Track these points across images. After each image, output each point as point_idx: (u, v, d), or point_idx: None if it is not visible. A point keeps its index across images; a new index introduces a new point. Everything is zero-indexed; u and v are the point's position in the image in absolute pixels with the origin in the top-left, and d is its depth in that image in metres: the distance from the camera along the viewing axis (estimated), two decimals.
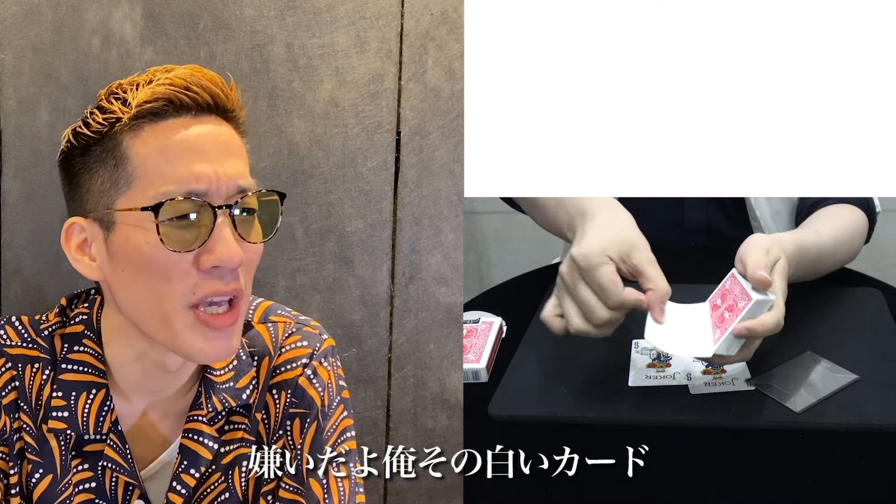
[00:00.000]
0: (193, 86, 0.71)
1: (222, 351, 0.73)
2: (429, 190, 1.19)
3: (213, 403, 0.79)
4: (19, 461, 0.77)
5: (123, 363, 0.77)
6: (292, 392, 0.82)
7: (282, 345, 0.83)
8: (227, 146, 0.72)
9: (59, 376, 0.77)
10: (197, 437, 0.79)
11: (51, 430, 0.76)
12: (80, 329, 0.78)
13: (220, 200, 0.70)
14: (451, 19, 1.17)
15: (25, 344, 0.78)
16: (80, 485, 0.77)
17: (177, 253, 0.69)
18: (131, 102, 0.69)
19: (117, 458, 0.77)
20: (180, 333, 0.71)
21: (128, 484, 0.78)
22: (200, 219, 0.70)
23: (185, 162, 0.70)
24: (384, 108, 1.17)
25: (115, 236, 0.71)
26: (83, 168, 0.72)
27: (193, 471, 0.78)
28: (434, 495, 1.23)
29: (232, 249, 0.70)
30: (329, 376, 0.84)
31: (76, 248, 0.74)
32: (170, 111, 0.70)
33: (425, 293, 1.21)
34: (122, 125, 0.70)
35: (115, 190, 0.70)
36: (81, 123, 0.72)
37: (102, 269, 0.73)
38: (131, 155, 0.70)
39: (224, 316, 0.72)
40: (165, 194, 0.69)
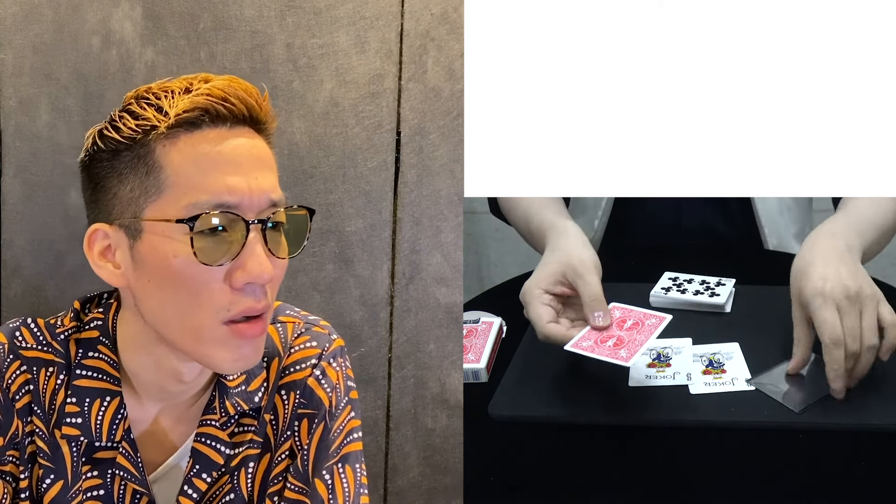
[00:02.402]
0: (231, 97, 0.70)
1: (249, 361, 0.73)
2: (429, 190, 1.19)
3: (226, 408, 0.79)
4: (30, 465, 0.77)
5: (139, 370, 0.77)
6: (301, 392, 0.82)
7: (291, 345, 0.83)
8: (260, 159, 0.72)
9: (74, 382, 0.76)
10: (209, 442, 0.79)
11: (64, 437, 0.76)
12: (95, 335, 0.77)
13: (251, 214, 0.69)
14: (451, 19, 1.17)
15: (41, 347, 0.77)
16: (89, 492, 0.77)
17: (207, 267, 0.68)
18: (168, 111, 0.68)
19: (129, 466, 0.77)
20: (210, 346, 0.71)
21: (135, 491, 0.78)
22: (232, 233, 0.69)
23: (219, 174, 0.69)
24: (384, 108, 1.17)
25: (141, 245, 0.70)
26: (111, 172, 0.71)
27: (205, 475, 0.78)
28: (434, 495, 1.23)
29: (264, 266, 0.69)
30: (338, 377, 0.84)
31: (99, 254, 0.73)
32: (206, 121, 0.69)
33: (425, 293, 1.21)
34: (158, 133, 0.69)
35: (145, 197, 0.69)
36: (110, 127, 0.70)
37: (126, 276, 0.72)
38: (165, 163, 0.69)
39: (255, 325, 0.71)
40: (197, 205, 0.68)
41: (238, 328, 0.70)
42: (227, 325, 0.70)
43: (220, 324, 0.70)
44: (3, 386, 0.75)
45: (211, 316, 0.69)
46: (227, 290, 0.69)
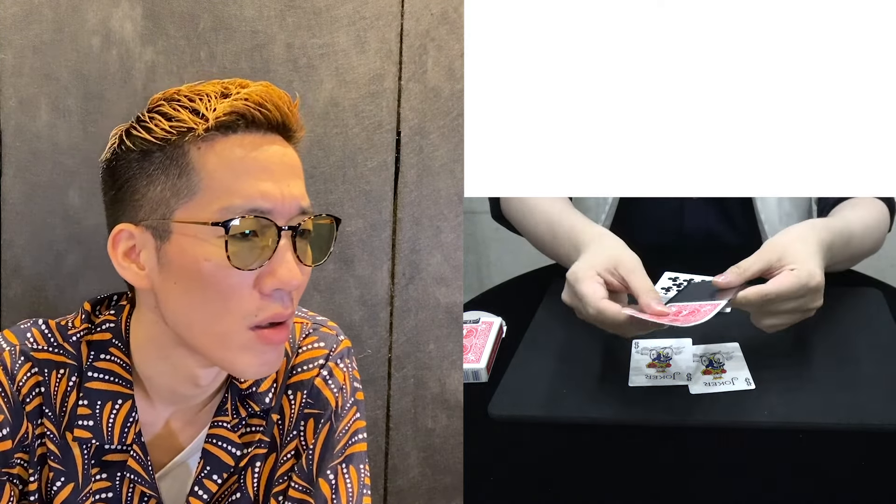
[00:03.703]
0: (268, 104, 0.70)
1: (272, 367, 0.73)
2: (429, 190, 1.19)
3: (238, 410, 0.79)
4: (40, 468, 0.76)
5: (153, 374, 0.77)
6: (308, 393, 0.82)
7: (299, 345, 0.83)
8: (291, 167, 0.72)
9: (86, 384, 0.76)
10: (220, 444, 0.79)
11: (76, 439, 0.76)
12: (108, 337, 0.77)
13: (282, 221, 0.70)
14: (451, 19, 1.17)
15: (52, 349, 0.77)
16: (98, 494, 0.77)
17: (238, 271, 0.68)
18: (206, 115, 0.68)
19: (139, 469, 0.77)
20: (234, 351, 0.71)
21: (144, 493, 0.78)
22: (263, 238, 0.69)
23: (253, 179, 0.69)
24: (384, 108, 1.17)
25: (169, 247, 0.69)
26: (139, 173, 0.70)
27: (216, 476, 0.78)
28: (434, 495, 1.23)
29: (294, 272, 0.69)
30: (344, 377, 0.84)
31: (123, 254, 0.72)
32: (241, 126, 0.70)
33: (425, 293, 1.21)
34: (194, 135, 0.69)
35: (176, 199, 0.69)
36: (140, 128, 0.70)
37: (151, 278, 0.72)
38: (198, 166, 0.69)
39: (280, 331, 0.71)
40: (230, 209, 0.68)
41: (263, 333, 0.70)
42: (253, 330, 0.70)
43: (246, 329, 0.70)
44: (13, 388, 0.75)
45: (238, 321, 0.70)
46: (255, 295, 0.69)
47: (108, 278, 0.78)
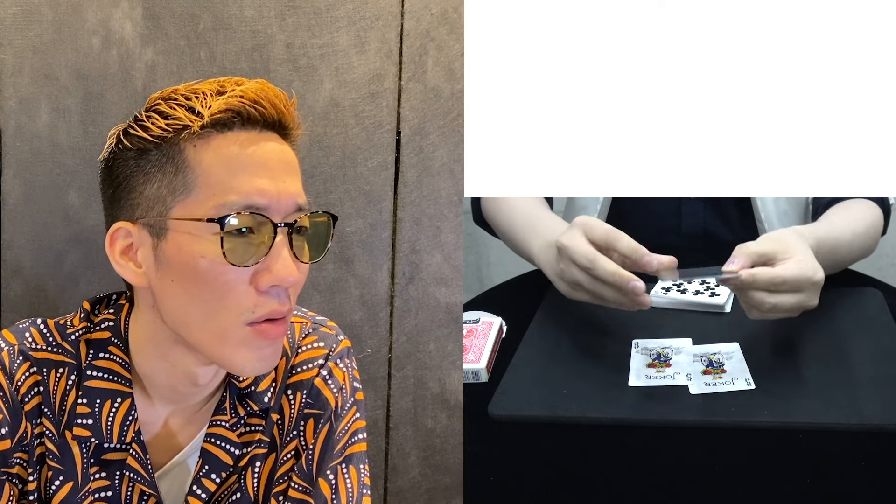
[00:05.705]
0: (263, 101, 0.70)
1: (270, 363, 0.73)
2: (429, 190, 1.19)
3: (237, 409, 0.79)
4: (39, 467, 0.76)
5: (152, 372, 0.77)
6: (307, 393, 0.82)
7: (299, 345, 0.83)
8: (288, 164, 0.72)
9: (85, 383, 0.76)
10: (219, 443, 0.79)
11: (75, 438, 0.76)
12: (107, 336, 0.77)
13: (278, 217, 0.70)
14: (451, 19, 1.17)
15: (51, 348, 0.77)
16: (97, 493, 0.77)
17: (234, 268, 0.68)
18: (202, 112, 0.69)
19: (138, 467, 0.77)
20: (232, 347, 0.71)
21: (143, 492, 0.78)
22: (260, 235, 0.69)
23: (249, 176, 0.69)
24: (384, 108, 1.17)
25: (166, 244, 0.70)
26: (136, 171, 0.71)
27: (215, 476, 0.78)
28: (434, 495, 1.23)
29: (290, 269, 0.69)
30: (344, 377, 0.84)
31: (120, 252, 0.72)
32: (237, 123, 0.70)
33: (425, 293, 1.21)
34: (190, 133, 0.69)
35: (172, 197, 0.69)
36: (137, 126, 0.70)
37: (148, 276, 0.72)
38: (194, 163, 0.69)
39: (278, 326, 0.72)
40: (226, 206, 0.68)
41: (261, 328, 0.71)
42: (250, 325, 0.70)
43: (243, 325, 0.70)
44: (12, 388, 0.75)
45: (235, 318, 0.70)
46: (252, 292, 0.70)
47: (108, 278, 0.78)
